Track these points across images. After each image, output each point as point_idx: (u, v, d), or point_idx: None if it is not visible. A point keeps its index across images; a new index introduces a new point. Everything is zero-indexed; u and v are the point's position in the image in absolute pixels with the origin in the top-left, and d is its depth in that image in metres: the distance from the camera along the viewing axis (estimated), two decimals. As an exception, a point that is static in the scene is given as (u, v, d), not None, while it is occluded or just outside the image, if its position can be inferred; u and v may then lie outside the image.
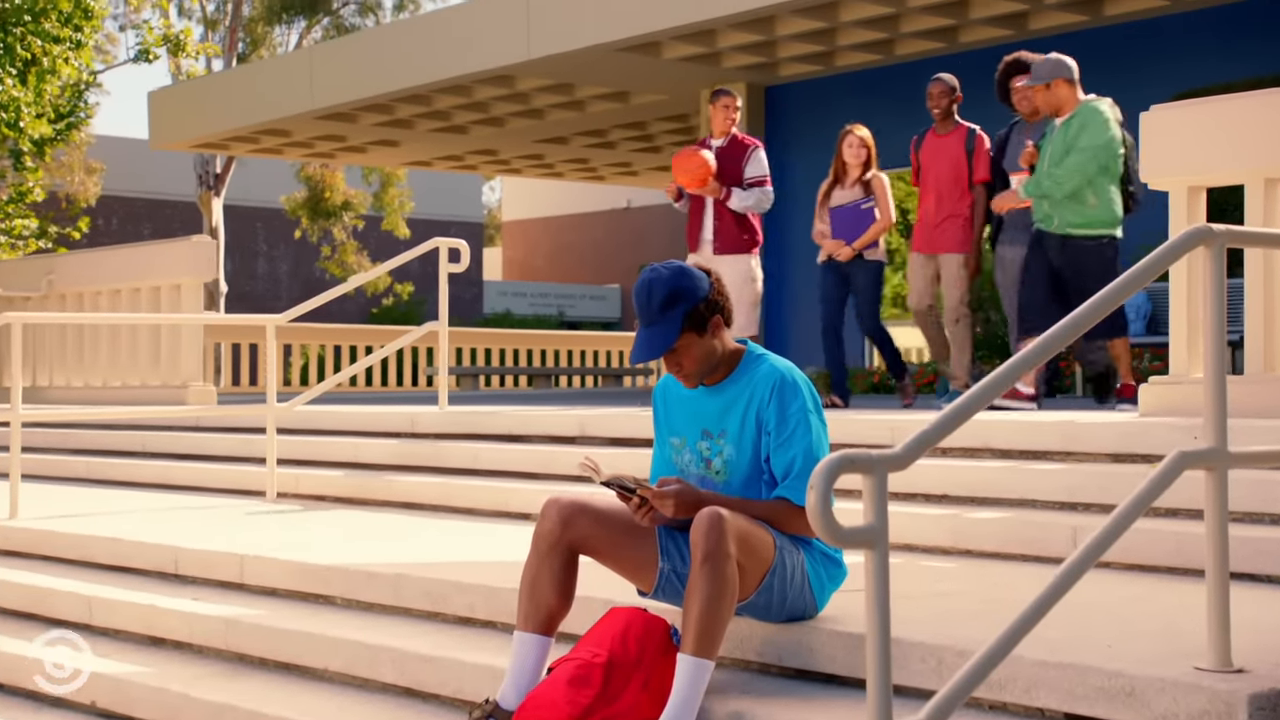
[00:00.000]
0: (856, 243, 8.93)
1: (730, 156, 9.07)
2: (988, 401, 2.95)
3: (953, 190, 8.79)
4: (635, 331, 3.97)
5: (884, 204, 8.97)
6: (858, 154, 9.06)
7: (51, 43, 13.75)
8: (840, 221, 9.04)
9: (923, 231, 8.95)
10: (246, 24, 30.89)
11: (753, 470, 4.02)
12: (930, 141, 9.01)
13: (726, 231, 9.08)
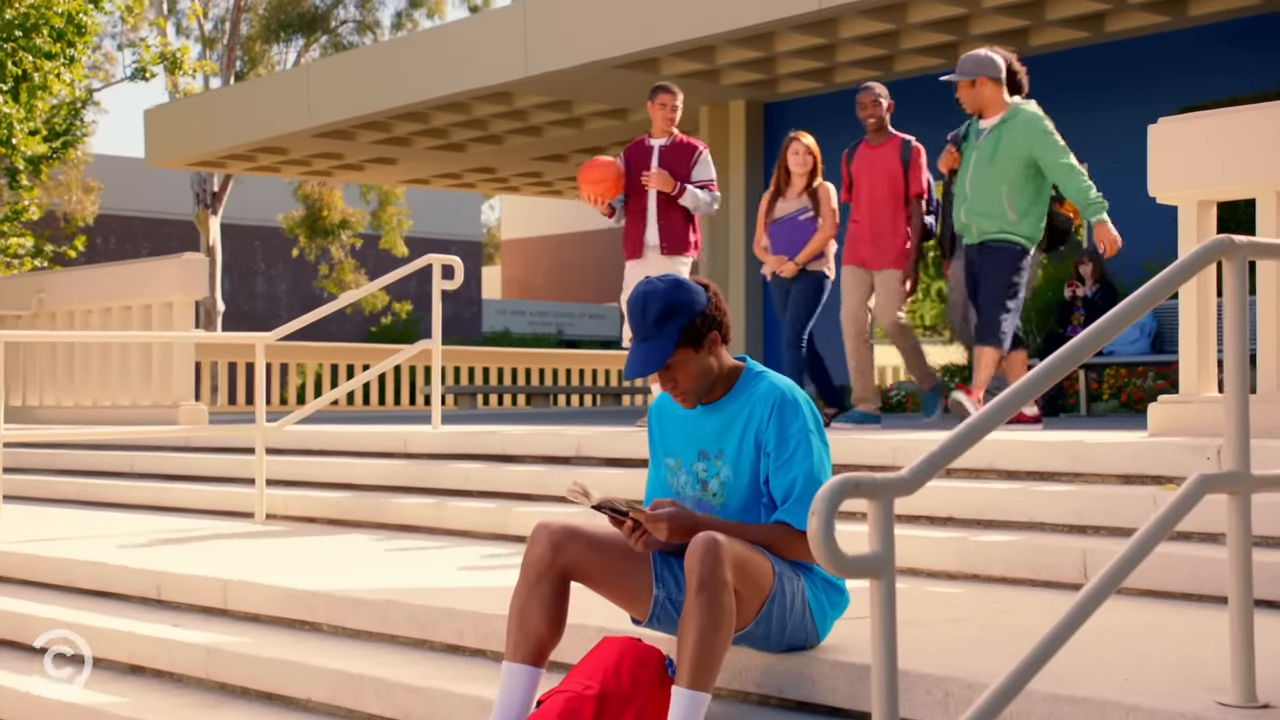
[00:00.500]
0: (799, 256, 8.47)
1: (675, 157, 8.59)
2: (999, 423, 2.80)
3: (888, 203, 8.37)
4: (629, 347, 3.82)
5: (827, 214, 8.49)
6: (803, 162, 8.58)
7: (43, 58, 13.62)
8: (780, 236, 8.58)
9: (856, 245, 8.46)
10: (244, 42, 30.82)
11: (751, 493, 3.85)
12: (863, 153, 8.53)
13: (673, 232, 8.60)
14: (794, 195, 8.57)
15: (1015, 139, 7.34)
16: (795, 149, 8.58)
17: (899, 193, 8.36)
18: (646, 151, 8.65)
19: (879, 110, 8.45)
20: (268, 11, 31.30)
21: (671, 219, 8.57)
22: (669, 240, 8.55)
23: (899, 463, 6.09)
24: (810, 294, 8.56)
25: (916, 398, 13.36)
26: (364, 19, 32.20)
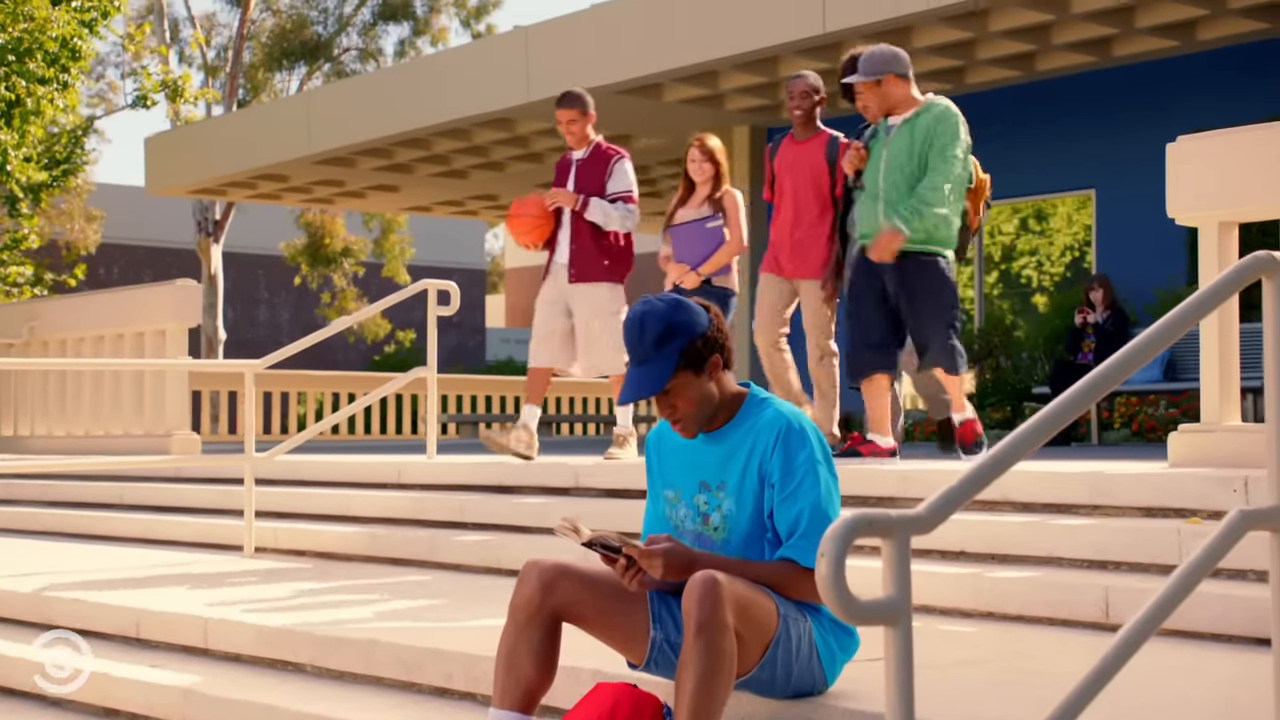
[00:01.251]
0: (703, 267, 7.72)
1: (592, 168, 7.93)
2: (1025, 454, 2.56)
3: (813, 205, 7.54)
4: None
5: (735, 224, 7.76)
6: (702, 169, 7.80)
7: (37, 84, 13.45)
8: (682, 242, 7.84)
9: (776, 251, 7.67)
10: (247, 70, 30.71)
11: (754, 527, 3.61)
12: (788, 149, 7.70)
13: (584, 254, 7.83)
14: (698, 202, 7.87)
15: (931, 131, 6.74)
16: (694, 156, 7.83)
17: (824, 193, 7.55)
18: (566, 167, 8.07)
19: (807, 103, 7.64)
20: (270, 40, 31.23)
21: (583, 239, 7.88)
22: (579, 264, 7.85)
23: (907, 494, 5.86)
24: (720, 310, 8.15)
25: (923, 425, 13.13)
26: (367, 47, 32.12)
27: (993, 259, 15.03)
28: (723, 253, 7.77)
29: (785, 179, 7.64)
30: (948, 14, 11.94)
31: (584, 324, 7.87)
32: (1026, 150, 14.37)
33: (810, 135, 7.66)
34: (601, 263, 7.86)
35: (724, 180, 7.84)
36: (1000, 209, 14.94)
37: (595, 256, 7.85)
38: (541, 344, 7.98)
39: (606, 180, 7.90)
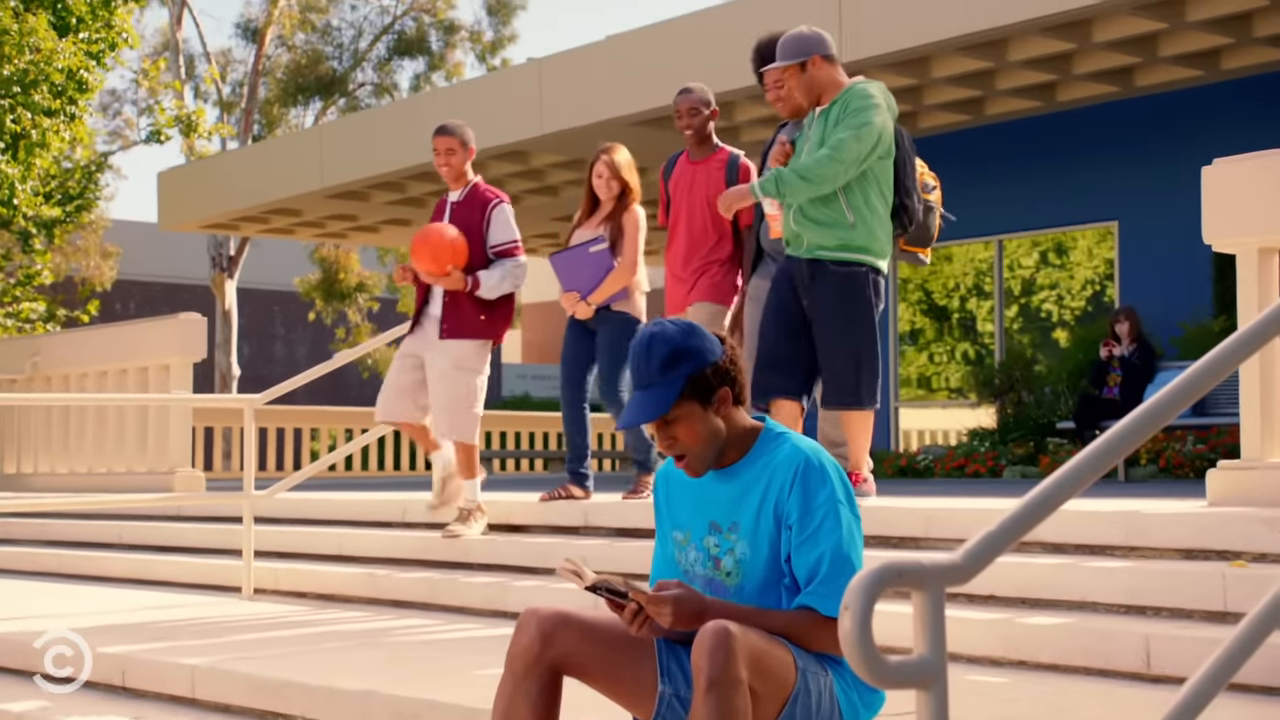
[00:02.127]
0: (593, 295, 7.02)
1: (468, 213, 6.94)
2: (1073, 494, 2.30)
3: (708, 231, 6.91)
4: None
5: (630, 246, 7.00)
6: (609, 186, 7.06)
7: (43, 115, 13.29)
8: (567, 268, 7.09)
9: (670, 280, 7.05)
10: (262, 106, 30.64)
11: (770, 572, 3.34)
12: (683, 170, 7.03)
13: (459, 307, 6.89)
14: (595, 221, 7.12)
15: (842, 111, 5.85)
16: (600, 171, 7.08)
17: (724, 220, 6.87)
18: (441, 205, 7.11)
19: (696, 120, 6.95)
20: (285, 75, 31.16)
21: (456, 296, 6.91)
22: (453, 318, 6.87)
23: (933, 535, 5.58)
24: (614, 340, 7.04)
25: (943, 462, 12.85)
26: (382, 82, 32.04)
27: (1012, 293, 14.76)
28: (612, 279, 7.02)
29: (680, 203, 7.00)
30: (967, 43, 11.72)
31: (439, 377, 6.85)
32: (1047, 182, 14.13)
33: (707, 154, 7.02)
34: (477, 318, 6.94)
35: (631, 199, 7.09)
36: (1020, 242, 14.68)
37: (471, 310, 6.92)
38: (389, 392, 7.04)
39: (485, 230, 6.93)
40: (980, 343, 15.03)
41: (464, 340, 6.88)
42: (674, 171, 7.09)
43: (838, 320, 5.96)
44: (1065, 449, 11.99)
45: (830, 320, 5.96)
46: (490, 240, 6.91)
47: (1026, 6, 10.99)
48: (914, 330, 15.50)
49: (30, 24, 12.89)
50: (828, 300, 5.95)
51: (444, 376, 6.84)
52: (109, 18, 14.09)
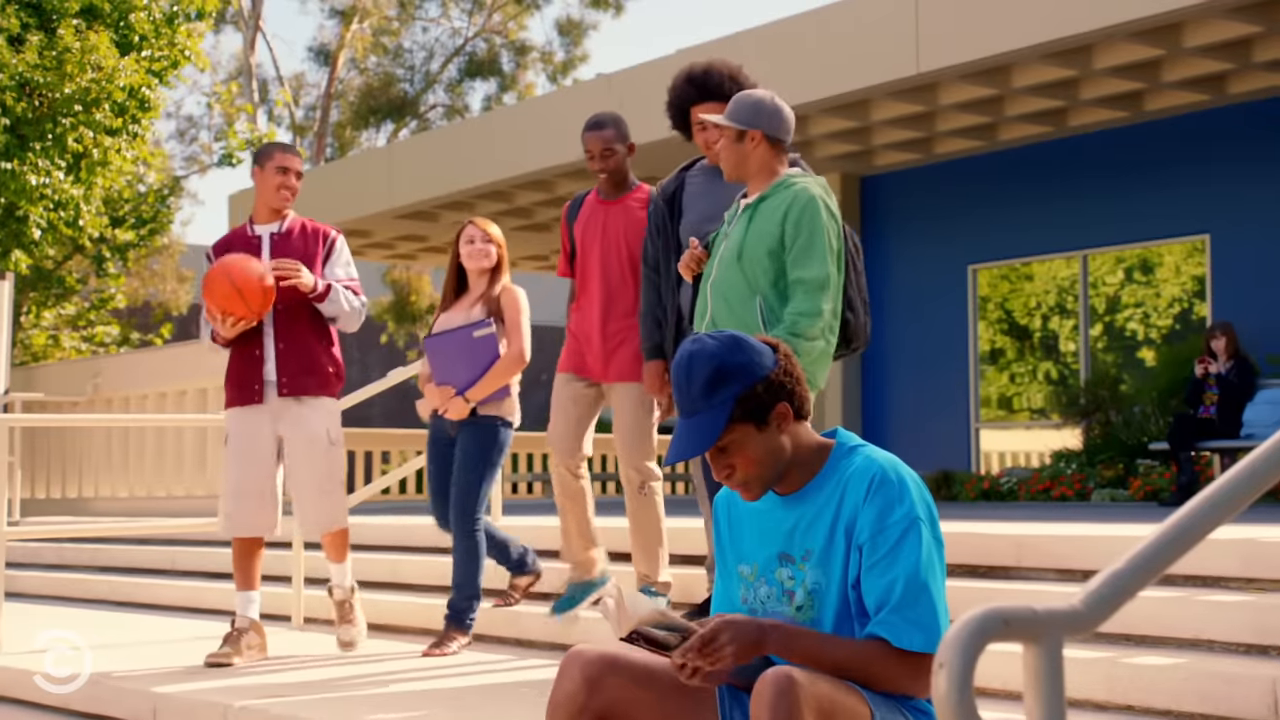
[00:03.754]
0: (472, 390, 5.75)
1: (299, 248, 5.78)
2: (1218, 523, 1.89)
3: (629, 283, 5.60)
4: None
5: (516, 330, 5.84)
6: (480, 257, 5.88)
7: (105, 134, 13.14)
8: (444, 356, 5.80)
9: (582, 344, 5.71)
10: (334, 129, 30.65)
11: (846, 601, 2.91)
12: (594, 211, 5.72)
13: (303, 359, 5.73)
14: (468, 303, 5.91)
15: (774, 216, 4.62)
16: (470, 235, 5.89)
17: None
18: (249, 245, 5.80)
19: (611, 162, 5.64)
20: (357, 98, 31.16)
21: (294, 340, 5.71)
22: (293, 371, 5.69)
23: (1025, 564, 5.15)
24: (482, 448, 5.82)
25: (1028, 484, 12.36)
26: (453, 103, 31.98)
27: (1096, 311, 14.23)
28: (499, 370, 5.77)
29: (591, 250, 5.67)
30: (1050, 50, 11.26)
31: (307, 448, 5.70)
32: (1134, 195, 13.61)
33: (622, 194, 5.71)
34: (326, 370, 5.80)
35: (503, 272, 5.91)
36: (1104, 258, 14.16)
37: (320, 361, 5.75)
38: (243, 500, 5.76)
39: (325, 265, 5.81)
40: (1063, 362, 14.51)
41: (319, 399, 5.74)
42: (580, 213, 5.78)
43: None
44: (1157, 471, 11.46)
45: None
46: (332, 275, 5.84)
47: (1114, 11, 10.53)
48: (994, 350, 15.00)
49: (92, 42, 12.76)
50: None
51: (313, 444, 5.70)
52: (172, 35, 13.95)
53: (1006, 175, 14.46)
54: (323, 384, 5.77)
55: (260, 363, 5.71)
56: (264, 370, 5.71)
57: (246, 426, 5.75)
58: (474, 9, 31.92)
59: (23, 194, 12.85)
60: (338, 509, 5.85)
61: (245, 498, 5.74)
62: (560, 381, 5.73)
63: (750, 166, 4.72)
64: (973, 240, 14.71)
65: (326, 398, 5.79)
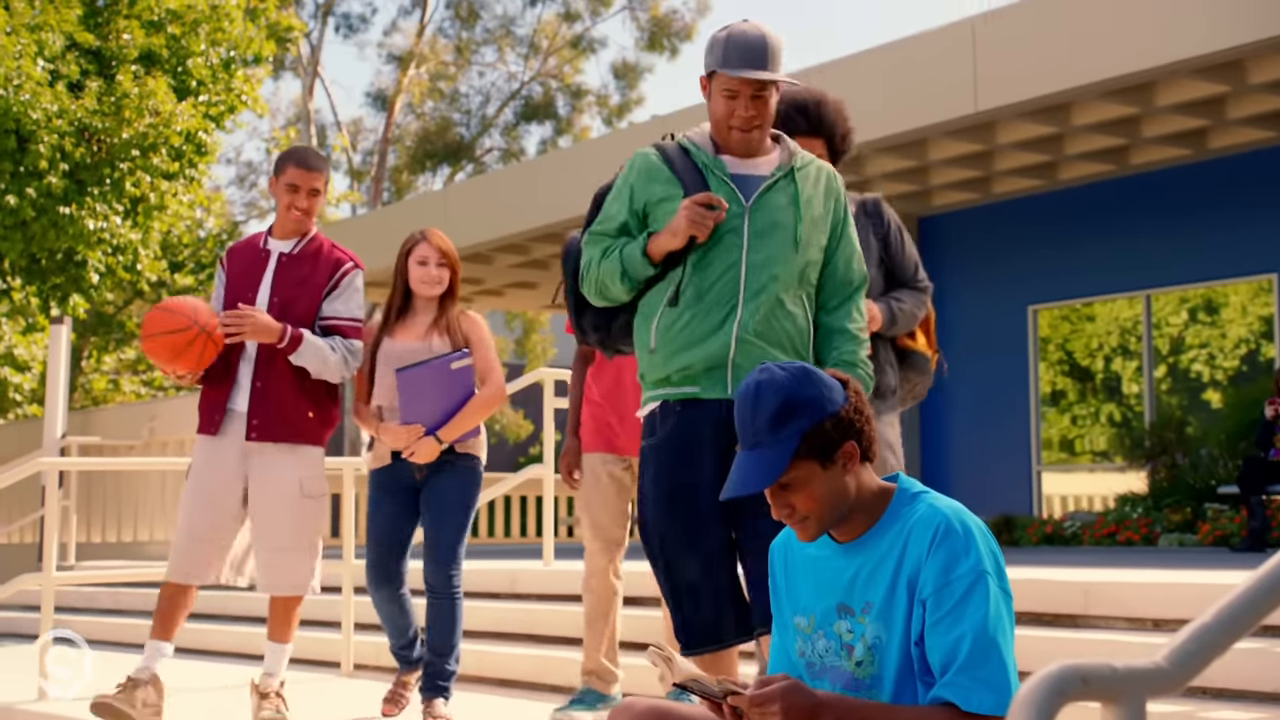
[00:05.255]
0: (447, 429, 5.10)
1: (302, 273, 5.12)
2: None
3: None
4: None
5: (489, 361, 5.26)
6: (433, 284, 5.20)
7: (162, 179, 13.23)
8: (417, 388, 5.09)
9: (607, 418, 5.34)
10: (391, 173, 30.83)
11: (908, 658, 2.76)
12: None
13: (280, 402, 5.01)
14: (421, 328, 5.19)
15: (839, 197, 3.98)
16: (423, 255, 5.21)
17: None
18: (257, 258, 5.17)
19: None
20: (414, 142, 31.35)
21: (279, 379, 5.00)
22: (266, 417, 4.97)
23: (1093, 612, 4.98)
24: (463, 492, 5.23)
25: (1093, 530, 12.11)
26: (509, 147, 32.10)
27: (1160, 352, 13.98)
28: (477, 407, 5.16)
29: None
30: (1110, 88, 11.09)
31: (272, 499, 4.99)
32: (1197, 234, 13.37)
33: None
34: (305, 415, 5.07)
35: (457, 293, 5.26)
36: (1168, 298, 13.92)
37: (299, 404, 5.04)
38: (194, 545, 4.99)
39: (327, 296, 5.11)
40: (1126, 404, 14.26)
41: (294, 447, 5.04)
42: None
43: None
44: (1227, 515, 11.19)
45: None
46: (331, 311, 5.12)
47: (1178, 47, 10.36)
48: (1055, 391, 14.77)
49: (150, 87, 12.86)
50: None
51: (280, 500, 4.99)
52: (229, 80, 14.06)
53: (1067, 214, 14.26)
54: (299, 432, 5.01)
55: (228, 389, 4.97)
56: (231, 399, 4.97)
57: (210, 462, 4.99)
58: (530, 53, 32.10)
59: (81, 238, 12.95)
60: (295, 572, 5.01)
61: (193, 542, 4.96)
62: (594, 463, 5.30)
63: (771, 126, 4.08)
64: (1033, 280, 14.51)
65: (307, 446, 5.06)
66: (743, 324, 3.72)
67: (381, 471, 5.23)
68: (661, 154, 3.88)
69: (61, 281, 13.78)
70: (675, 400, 3.77)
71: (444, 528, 5.16)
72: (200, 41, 13.92)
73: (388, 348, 5.19)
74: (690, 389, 3.75)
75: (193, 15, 13.93)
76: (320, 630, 7.63)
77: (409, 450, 5.10)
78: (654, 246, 3.77)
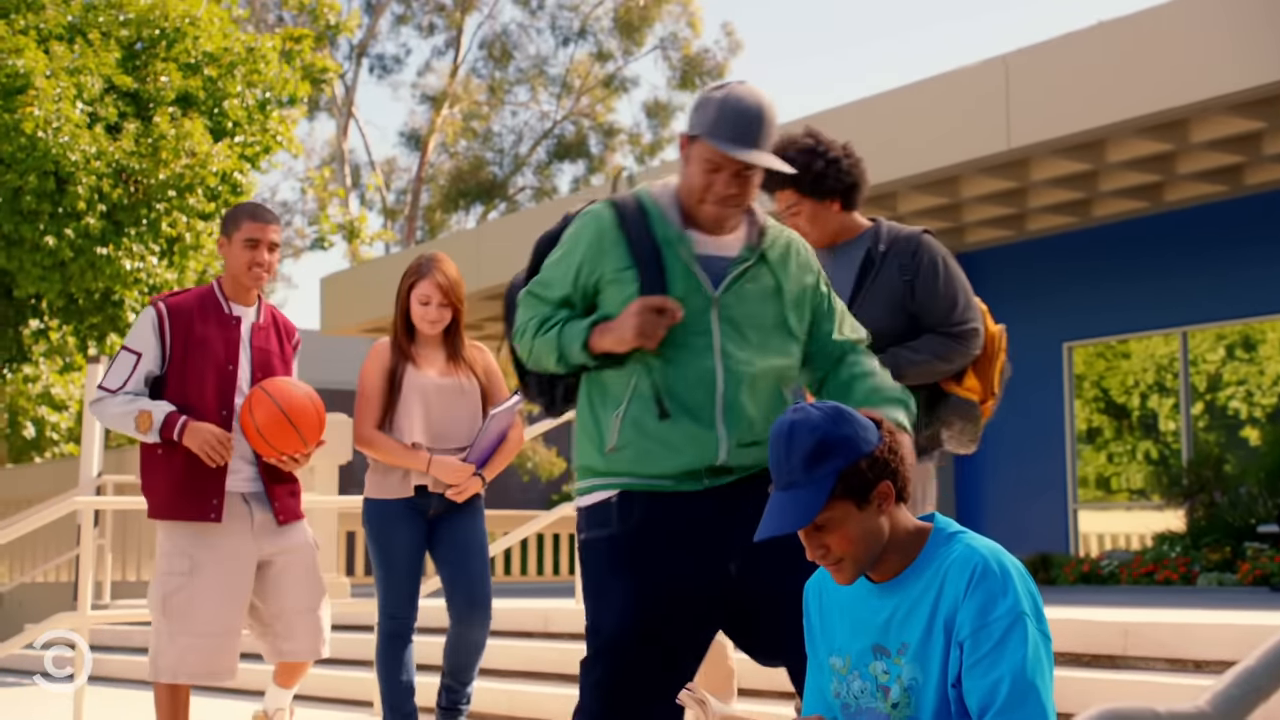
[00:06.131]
0: (490, 468, 5.14)
1: (275, 344, 4.89)
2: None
3: None
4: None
5: (504, 393, 5.25)
6: (436, 324, 5.09)
7: (198, 219, 13.35)
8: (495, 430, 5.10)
9: None
10: (425, 212, 30.99)
11: (946, 699, 2.74)
12: None
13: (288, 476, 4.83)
14: (440, 361, 5.14)
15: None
16: (425, 295, 5.07)
17: None
18: (226, 325, 4.78)
19: None
20: (447, 181, 31.52)
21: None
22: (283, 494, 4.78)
23: (1131, 653, 4.92)
24: (483, 531, 5.23)
25: (1131, 568, 11.99)
26: (542, 185, 32.24)
27: (1197, 389, 13.88)
28: (514, 447, 5.24)
29: None
30: (1145, 125, 11.05)
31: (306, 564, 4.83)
32: (1234, 271, 13.29)
33: None
34: (296, 486, 4.92)
35: (462, 325, 5.16)
36: (1204, 335, 13.83)
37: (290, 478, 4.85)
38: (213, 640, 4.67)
39: (291, 364, 4.94)
40: (1164, 441, 14.15)
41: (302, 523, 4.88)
42: None
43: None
44: (1267, 554, 11.08)
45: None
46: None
47: (1214, 84, 10.32)
48: (1091, 429, 14.67)
49: (186, 129, 12.98)
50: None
51: (311, 565, 4.85)
52: (264, 121, 14.18)
53: (1102, 251, 14.19)
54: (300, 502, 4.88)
55: (223, 473, 4.63)
56: (227, 482, 4.65)
57: (222, 550, 4.66)
58: (563, 93, 32.27)
59: (118, 279, 13.05)
60: (325, 628, 4.88)
61: (214, 637, 4.65)
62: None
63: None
64: (1068, 318, 14.44)
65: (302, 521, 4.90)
66: (729, 426, 3.34)
67: (397, 503, 5.07)
68: (619, 218, 3.46)
69: (99, 321, 13.87)
70: (639, 492, 3.37)
71: (476, 563, 5.10)
72: (236, 83, 14.05)
73: (415, 378, 5.06)
74: (661, 484, 3.35)
75: (229, 58, 14.06)
76: (351, 669, 7.62)
77: (459, 489, 5.03)
78: (596, 344, 3.36)
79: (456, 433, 5.06)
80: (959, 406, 4.37)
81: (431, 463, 4.99)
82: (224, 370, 4.67)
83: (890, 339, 4.22)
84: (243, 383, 4.69)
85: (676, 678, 3.29)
